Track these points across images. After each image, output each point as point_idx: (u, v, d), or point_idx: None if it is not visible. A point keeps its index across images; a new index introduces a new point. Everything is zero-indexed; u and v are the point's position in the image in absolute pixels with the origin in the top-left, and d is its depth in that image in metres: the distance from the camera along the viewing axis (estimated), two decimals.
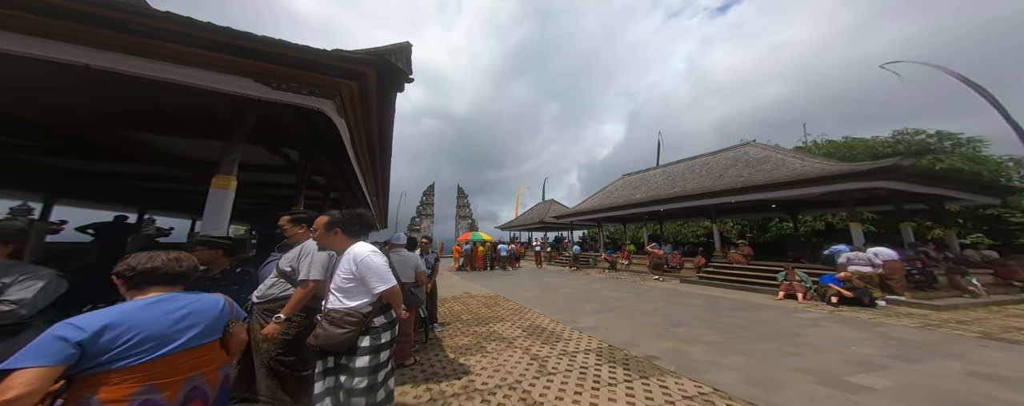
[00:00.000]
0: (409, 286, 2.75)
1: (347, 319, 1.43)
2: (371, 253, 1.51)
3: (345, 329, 1.41)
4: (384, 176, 5.68)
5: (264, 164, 4.38)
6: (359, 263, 1.47)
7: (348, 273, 1.48)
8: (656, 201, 11.24)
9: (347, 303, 1.46)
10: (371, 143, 3.80)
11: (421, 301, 2.86)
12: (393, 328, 1.57)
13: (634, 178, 16.79)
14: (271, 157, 4.05)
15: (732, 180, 9.21)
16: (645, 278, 9.70)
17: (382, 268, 1.50)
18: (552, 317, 4.84)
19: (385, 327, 1.53)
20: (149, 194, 6.33)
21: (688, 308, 5.48)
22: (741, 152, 11.26)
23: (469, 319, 4.61)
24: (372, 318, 1.49)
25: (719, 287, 7.67)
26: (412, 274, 2.89)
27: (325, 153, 3.90)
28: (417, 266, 2.93)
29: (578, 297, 6.55)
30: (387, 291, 1.48)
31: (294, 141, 3.60)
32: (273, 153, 3.85)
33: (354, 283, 1.48)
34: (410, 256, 2.94)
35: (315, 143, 3.66)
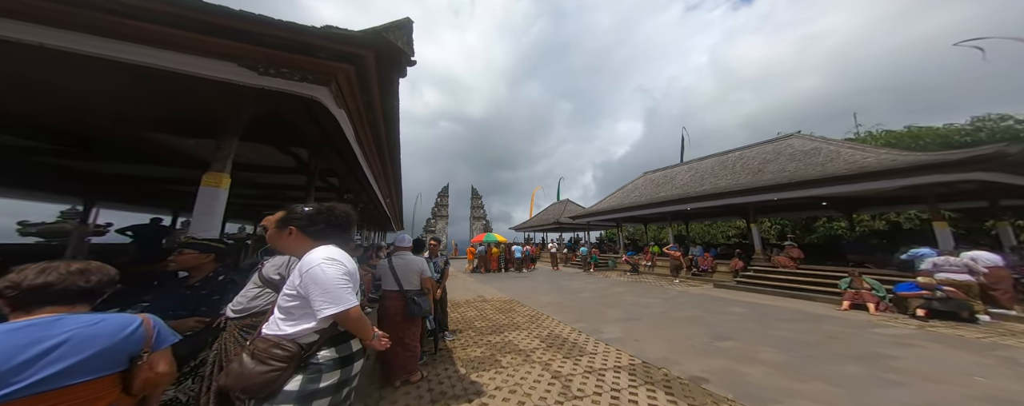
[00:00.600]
0: (412, 294, 2.39)
1: (274, 352, 1.00)
2: (325, 261, 1.07)
3: (267, 367, 0.98)
4: (395, 174, 5.42)
5: (274, 165, 4.23)
6: (304, 274, 1.05)
7: (292, 288, 1.08)
8: (683, 199, 10.33)
9: (284, 329, 1.05)
10: (378, 138, 3.52)
11: (426, 312, 2.45)
12: (347, 367, 1.09)
13: (656, 176, 15.77)
14: (282, 157, 3.87)
15: (774, 175, 8.20)
16: (672, 281, 8.86)
17: (335, 283, 1.04)
18: (572, 325, 4.31)
19: (332, 366, 1.05)
20: (178, 196, 6.50)
21: (731, 318, 4.73)
22: (783, 145, 10.12)
23: (483, 327, 4.19)
24: (315, 351, 1.05)
25: (762, 293, 6.76)
26: (416, 280, 2.50)
27: (335, 151, 3.66)
28: (422, 271, 2.55)
29: (600, 302, 5.95)
30: (339, 315, 1.05)
31: (303, 139, 3.37)
32: (283, 152, 3.65)
33: (297, 301, 1.07)
34: (414, 260, 2.56)
35: (324, 141, 3.41)
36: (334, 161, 3.88)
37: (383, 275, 2.47)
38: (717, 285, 7.96)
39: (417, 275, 2.50)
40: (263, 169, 4.29)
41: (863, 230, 11.39)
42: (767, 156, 9.96)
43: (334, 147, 3.44)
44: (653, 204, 11.69)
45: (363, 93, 2.54)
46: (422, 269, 2.55)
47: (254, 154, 3.83)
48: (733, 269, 8.36)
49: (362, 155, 3.79)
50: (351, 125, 2.81)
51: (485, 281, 9.28)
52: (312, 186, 3.66)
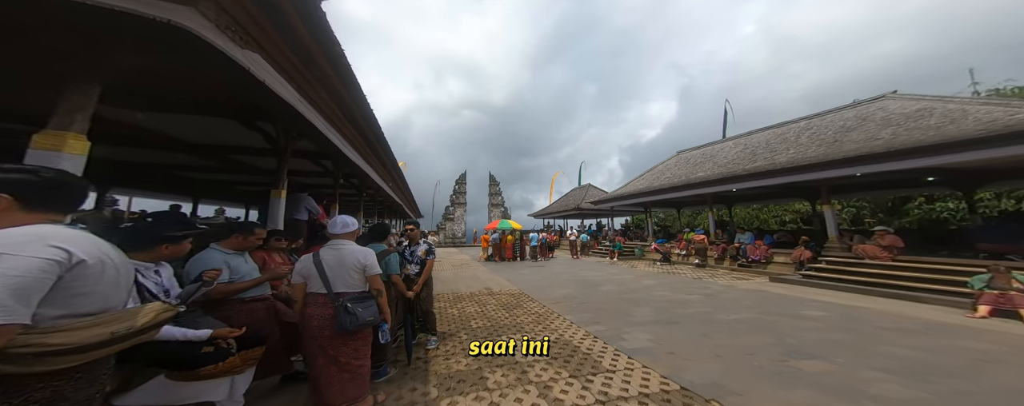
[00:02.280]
0: (347, 299, 1.63)
1: None
2: None
3: None
4: (383, 152, 4.83)
5: (242, 144, 3.79)
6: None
7: None
8: (729, 179, 8.69)
9: None
10: (342, 105, 2.89)
11: (371, 322, 1.68)
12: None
13: (693, 154, 13.82)
14: (249, 134, 3.39)
15: (860, 145, 6.36)
16: (713, 274, 7.52)
17: None
18: (588, 328, 3.48)
19: None
20: (194, 183, 6.58)
21: (807, 324, 3.56)
22: (870, 109, 7.98)
23: (479, 328, 3.52)
24: None
25: (839, 291, 5.31)
26: (356, 279, 1.72)
27: (292, 121, 3.10)
28: (367, 267, 1.75)
29: (624, 298, 5.00)
30: None
31: (263, 111, 2.80)
32: (248, 128, 3.15)
33: None
34: (353, 253, 1.75)
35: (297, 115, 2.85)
36: (314, 139, 3.31)
37: (307, 273, 1.72)
38: (774, 279, 6.54)
39: (357, 272, 1.72)
40: (234, 150, 3.89)
41: (983, 211, 8.83)
42: (847, 123, 7.94)
43: (285, 114, 2.86)
44: (690, 185, 10.13)
45: (279, 28, 1.85)
46: (365, 264, 1.74)
47: (221, 130, 3.40)
48: (797, 260, 6.82)
49: (328, 125, 3.19)
50: (286, 79, 2.17)
51: (497, 271, 8.68)
52: (283, 169, 3.14)
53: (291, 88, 2.13)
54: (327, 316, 1.64)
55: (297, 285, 1.71)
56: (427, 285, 2.84)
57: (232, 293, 1.71)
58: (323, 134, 2.86)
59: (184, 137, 3.65)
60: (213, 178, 6.20)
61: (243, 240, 1.81)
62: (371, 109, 3.21)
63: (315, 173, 5.25)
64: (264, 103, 2.20)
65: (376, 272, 1.77)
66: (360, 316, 1.62)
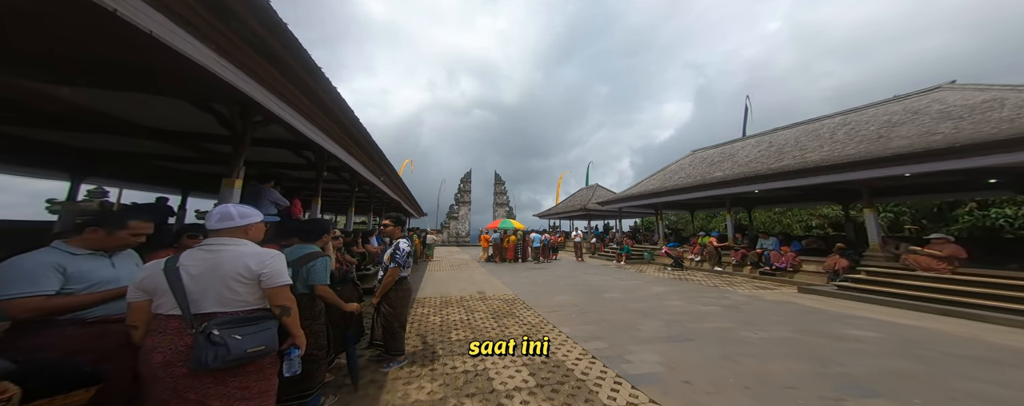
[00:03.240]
0: (214, 325, 1.07)
1: None
2: None
3: None
4: (366, 143, 4.45)
5: (198, 132, 3.45)
6: None
7: None
8: (752, 178, 7.95)
9: None
10: (313, 95, 2.51)
11: (263, 350, 1.15)
12: None
13: (710, 153, 13.00)
14: (204, 116, 3.04)
15: (913, 141, 5.57)
16: (731, 282, 6.82)
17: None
18: (586, 345, 2.97)
19: None
20: (184, 176, 6.39)
21: (852, 346, 2.94)
22: (922, 101, 7.13)
23: (459, 341, 3.06)
24: None
25: (882, 305, 4.58)
26: (236, 294, 1.16)
27: (249, 107, 2.73)
28: (261, 277, 1.19)
29: (631, 308, 4.45)
30: None
31: (215, 91, 2.44)
32: (201, 109, 2.80)
33: None
34: (239, 256, 1.19)
35: (224, 84, 2.49)
36: (267, 117, 2.96)
37: (151, 288, 1.14)
38: (804, 290, 5.81)
39: (242, 283, 1.16)
40: (196, 137, 3.55)
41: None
42: (894, 117, 7.11)
43: (235, 99, 2.49)
44: (707, 185, 9.42)
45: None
46: (259, 272, 1.17)
47: (178, 113, 3.08)
48: (830, 269, 6.06)
49: (282, 103, 2.83)
50: (196, 37, 1.79)
51: (495, 272, 8.22)
52: (240, 152, 2.76)
53: (206, 48, 1.74)
54: (179, 348, 1.08)
55: (136, 304, 1.14)
56: (392, 299, 2.30)
57: (56, 311, 1.15)
58: (272, 111, 2.49)
59: (143, 121, 3.37)
60: (202, 170, 6.01)
61: (105, 236, 1.32)
62: (333, 86, 2.83)
63: (298, 166, 4.93)
64: (167, 68, 1.82)
65: (279, 282, 1.20)
66: (234, 347, 1.07)
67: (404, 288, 2.35)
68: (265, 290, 1.20)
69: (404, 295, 2.35)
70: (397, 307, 2.31)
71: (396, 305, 2.31)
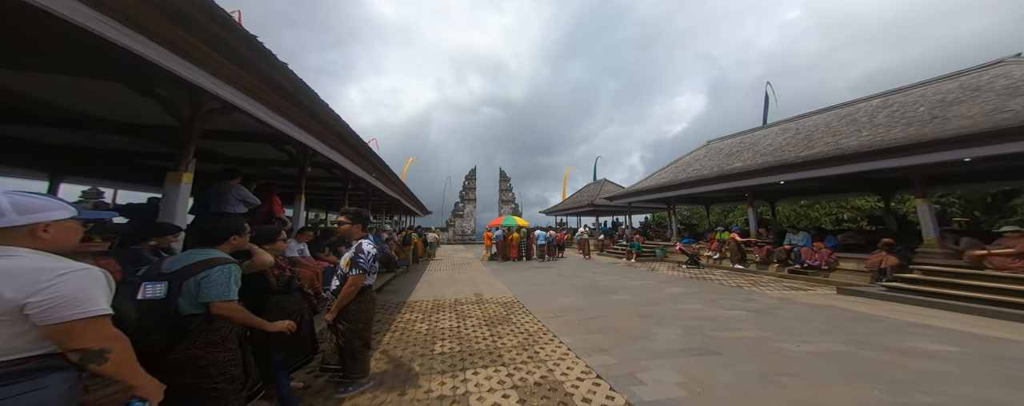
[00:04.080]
0: None
1: None
2: None
3: None
4: (348, 136, 4.06)
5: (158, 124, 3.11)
6: None
7: None
8: (778, 168, 7.20)
9: None
10: (246, 65, 2.16)
11: None
12: None
13: (727, 143, 12.13)
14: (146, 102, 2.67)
15: (984, 120, 4.75)
16: (757, 282, 6.15)
17: None
18: (589, 360, 2.50)
19: None
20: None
21: (928, 365, 2.34)
22: (984, 77, 6.23)
23: (443, 355, 2.63)
24: None
25: (945, 310, 3.88)
26: None
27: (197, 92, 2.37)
28: (27, 306, 0.72)
29: (642, 312, 3.92)
30: None
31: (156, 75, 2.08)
32: (144, 95, 2.43)
33: None
34: (18, 270, 0.74)
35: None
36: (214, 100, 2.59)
37: None
38: (844, 291, 5.11)
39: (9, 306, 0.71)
40: (152, 131, 3.22)
41: None
42: (949, 96, 6.25)
43: (177, 84, 2.13)
44: (725, 177, 8.69)
45: None
46: (25, 298, 0.72)
47: (128, 101, 2.76)
48: (876, 268, 5.32)
49: (263, 107, 2.48)
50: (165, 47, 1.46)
51: (497, 272, 7.80)
52: (189, 143, 2.39)
53: (115, 23, 1.38)
54: None
55: None
56: (353, 313, 1.82)
57: None
58: (227, 100, 2.14)
59: (100, 114, 3.08)
60: None
61: None
62: (297, 76, 2.47)
63: (281, 162, 4.61)
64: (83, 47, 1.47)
65: (69, 316, 0.75)
66: None
67: (367, 299, 1.89)
68: (45, 328, 0.74)
69: (367, 307, 1.89)
70: (359, 323, 1.85)
71: (357, 320, 1.84)
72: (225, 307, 1.22)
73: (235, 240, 1.42)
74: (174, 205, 2.18)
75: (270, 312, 1.62)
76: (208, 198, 2.97)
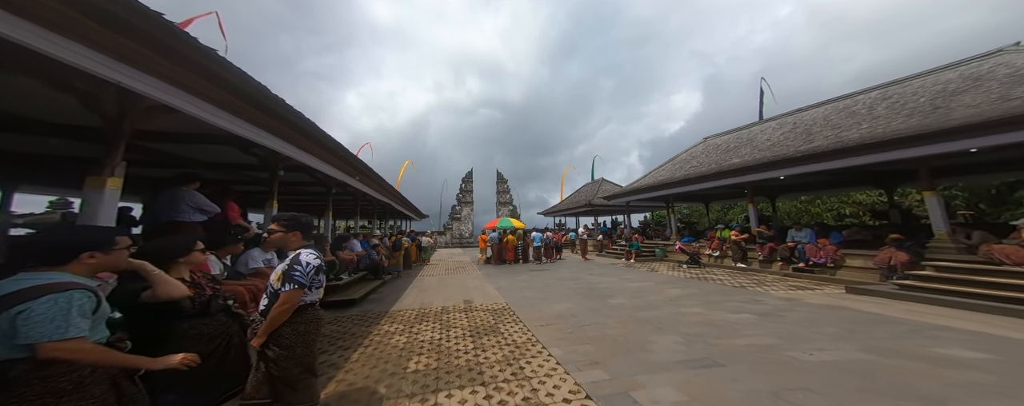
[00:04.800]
0: None
1: None
2: None
3: None
4: (312, 132, 3.74)
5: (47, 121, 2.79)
6: None
7: None
8: (778, 163, 7.00)
9: None
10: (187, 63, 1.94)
11: None
12: None
13: (724, 140, 11.95)
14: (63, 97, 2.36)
15: (989, 109, 4.55)
16: (761, 281, 5.90)
17: None
18: (579, 377, 2.23)
19: None
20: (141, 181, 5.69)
21: (961, 375, 2.07)
22: (984, 66, 6.07)
23: (416, 373, 2.35)
24: None
25: (964, 309, 3.63)
26: None
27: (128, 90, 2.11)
28: None
29: (640, 318, 3.65)
30: None
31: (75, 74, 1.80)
32: (60, 90, 2.10)
33: None
34: None
35: None
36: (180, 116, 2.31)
37: None
38: (853, 290, 4.85)
39: None
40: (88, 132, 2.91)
41: None
42: (950, 86, 6.10)
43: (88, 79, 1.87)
44: (724, 173, 8.49)
45: None
46: None
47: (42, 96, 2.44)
48: (885, 265, 5.07)
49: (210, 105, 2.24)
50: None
51: (492, 276, 7.51)
52: (115, 143, 2.10)
53: None
54: None
55: None
56: (285, 336, 1.50)
57: None
58: (158, 98, 1.89)
59: (28, 113, 2.80)
60: (154, 174, 5.25)
61: None
62: (241, 70, 2.23)
63: (250, 166, 4.34)
64: None
65: None
66: None
67: (308, 319, 1.57)
68: None
69: (307, 329, 1.56)
70: (296, 347, 1.52)
71: (293, 344, 1.51)
72: (60, 348, 0.92)
73: (91, 259, 1.07)
74: (96, 214, 1.91)
75: (181, 340, 1.34)
76: (159, 206, 2.70)
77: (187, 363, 1.20)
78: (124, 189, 2.32)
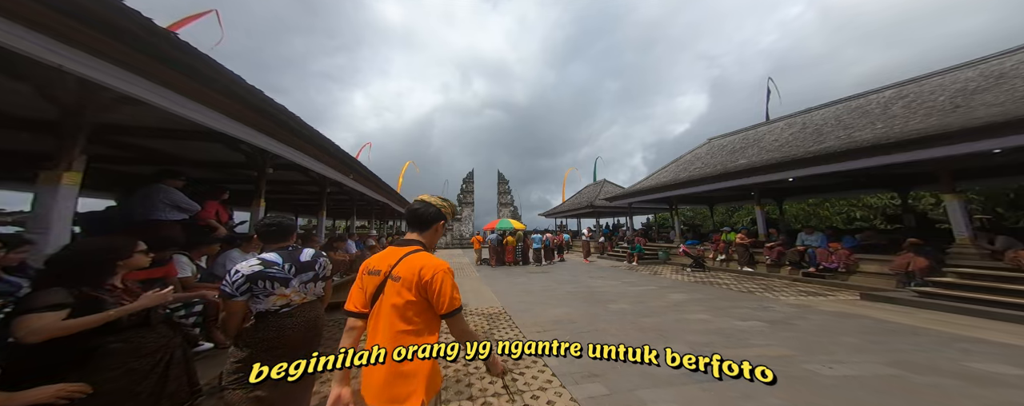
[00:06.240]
0: None
1: None
2: None
3: None
4: (297, 127, 3.53)
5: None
6: None
7: None
8: (788, 164, 6.75)
9: None
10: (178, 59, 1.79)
11: None
12: None
13: (729, 140, 11.69)
14: None
15: (1013, 107, 4.31)
16: (769, 286, 5.65)
17: None
18: (577, 390, 2.04)
19: None
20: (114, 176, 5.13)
21: (1002, 395, 1.85)
22: (1007, 64, 5.82)
23: None
24: None
25: (993, 319, 3.38)
26: None
27: None
28: None
29: (642, 325, 3.44)
30: None
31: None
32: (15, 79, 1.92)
33: None
34: None
35: None
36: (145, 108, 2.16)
37: None
38: (869, 296, 4.60)
39: None
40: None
41: None
42: (970, 85, 5.85)
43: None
44: (730, 174, 8.24)
45: None
46: None
47: None
48: (902, 271, 4.81)
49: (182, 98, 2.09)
50: None
51: (490, 279, 7.33)
52: (71, 138, 1.91)
53: None
54: None
55: None
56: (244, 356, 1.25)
57: None
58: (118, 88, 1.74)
59: None
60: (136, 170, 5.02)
61: None
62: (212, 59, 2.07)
63: (238, 164, 4.15)
64: None
65: None
66: None
67: (267, 327, 1.30)
68: None
69: (265, 340, 1.28)
70: (252, 361, 1.22)
71: (250, 359, 1.22)
72: None
73: None
74: (48, 213, 1.76)
75: (104, 358, 1.09)
76: (134, 204, 2.55)
77: (67, 395, 0.93)
78: (101, 186, 2.15)
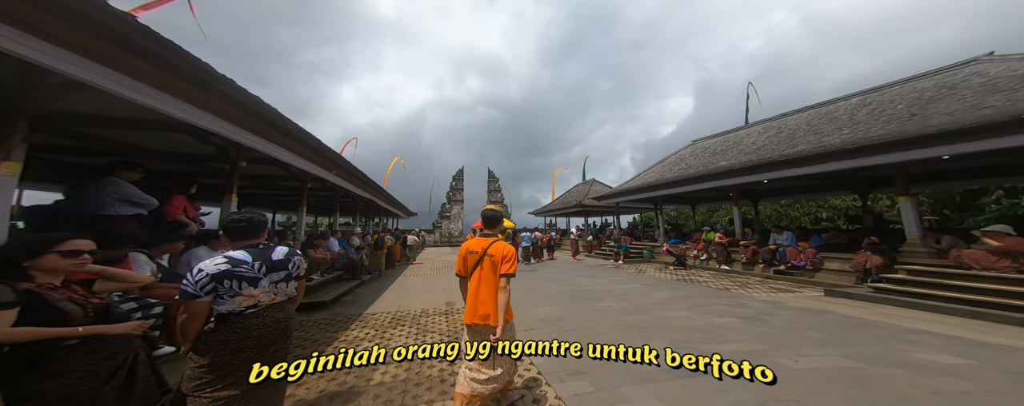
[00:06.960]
0: None
1: None
2: None
3: None
4: (271, 117, 3.34)
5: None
6: None
7: None
8: (762, 166, 7.10)
9: None
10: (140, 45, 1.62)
11: None
12: None
13: (711, 143, 12.15)
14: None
15: (964, 116, 4.70)
16: (744, 284, 5.97)
17: None
18: (561, 388, 2.07)
19: None
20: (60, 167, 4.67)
21: (943, 383, 2.04)
22: (958, 75, 6.31)
23: (380, 386, 2.13)
24: None
25: (936, 312, 3.73)
26: None
27: None
28: None
29: (627, 322, 3.54)
30: None
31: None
32: None
33: None
34: None
35: None
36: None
37: None
38: (831, 292, 4.94)
39: None
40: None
41: None
42: (925, 94, 6.32)
43: None
44: (710, 176, 8.57)
45: None
46: None
47: None
48: (861, 268, 5.19)
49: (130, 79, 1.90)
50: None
51: None
52: (9, 129, 1.72)
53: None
54: None
55: None
56: (205, 360, 1.19)
57: None
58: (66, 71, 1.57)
59: None
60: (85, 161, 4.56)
61: None
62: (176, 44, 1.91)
63: (210, 157, 3.89)
64: None
65: None
66: None
67: (229, 329, 1.22)
68: None
69: (226, 342, 1.21)
70: (216, 367, 1.19)
71: (213, 364, 1.18)
72: None
73: None
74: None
75: (59, 363, 1.04)
76: (84, 197, 2.34)
77: None
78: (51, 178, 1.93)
